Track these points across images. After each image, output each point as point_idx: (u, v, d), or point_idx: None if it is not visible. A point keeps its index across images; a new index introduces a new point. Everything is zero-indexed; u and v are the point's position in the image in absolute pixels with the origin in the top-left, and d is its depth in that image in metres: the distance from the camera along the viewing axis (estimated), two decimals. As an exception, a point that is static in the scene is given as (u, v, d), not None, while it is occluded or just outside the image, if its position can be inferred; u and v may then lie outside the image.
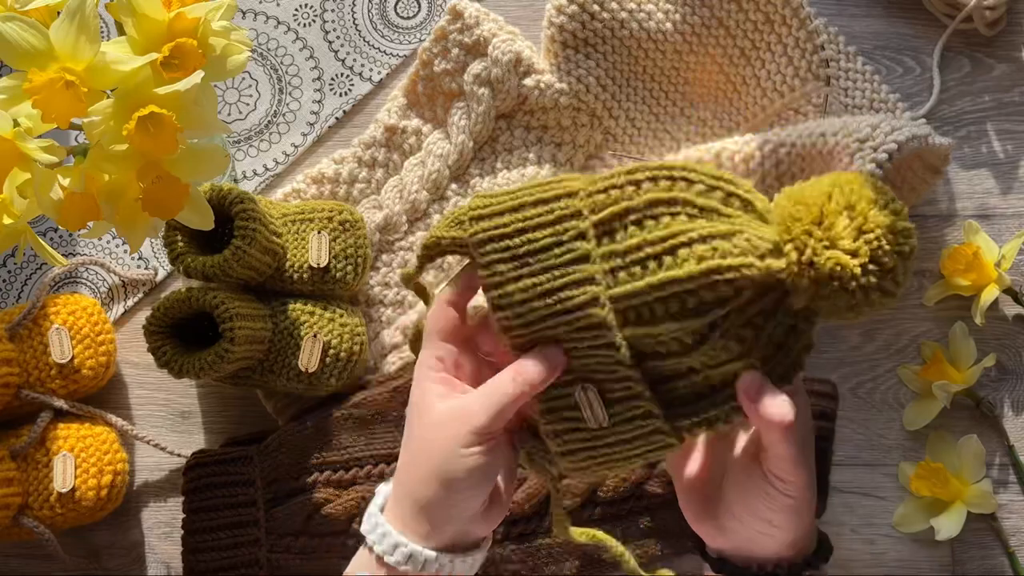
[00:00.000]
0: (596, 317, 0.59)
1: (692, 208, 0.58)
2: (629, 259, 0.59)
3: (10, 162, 0.61)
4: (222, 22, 0.62)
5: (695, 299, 0.57)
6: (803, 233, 0.56)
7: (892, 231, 0.56)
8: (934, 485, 0.81)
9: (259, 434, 0.84)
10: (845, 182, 0.57)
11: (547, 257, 0.60)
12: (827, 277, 0.56)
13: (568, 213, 0.60)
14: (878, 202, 0.56)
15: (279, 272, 0.82)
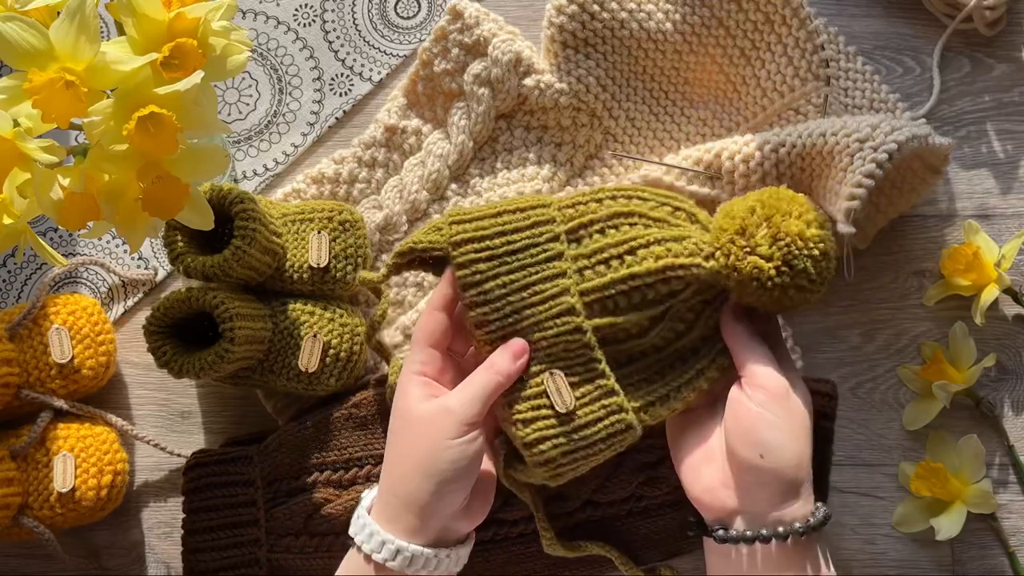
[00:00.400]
0: (566, 304, 0.69)
1: (647, 219, 0.71)
2: (595, 259, 0.71)
3: (10, 162, 0.61)
4: (222, 22, 0.62)
5: (652, 291, 0.70)
6: (728, 241, 0.68)
7: (802, 237, 0.67)
8: (934, 485, 0.81)
9: (259, 434, 0.84)
10: (767, 197, 0.69)
11: (524, 256, 0.70)
12: (749, 278, 0.68)
13: (543, 219, 0.71)
14: (792, 213, 0.68)
15: (279, 272, 0.82)
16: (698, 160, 0.82)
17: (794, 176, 0.80)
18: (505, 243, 0.71)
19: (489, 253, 0.70)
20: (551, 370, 0.69)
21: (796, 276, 0.67)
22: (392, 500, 0.67)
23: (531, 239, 0.71)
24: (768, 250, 0.67)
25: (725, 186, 0.81)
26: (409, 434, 0.68)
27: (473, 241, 0.70)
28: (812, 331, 0.86)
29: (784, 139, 0.79)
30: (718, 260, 0.68)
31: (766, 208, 0.68)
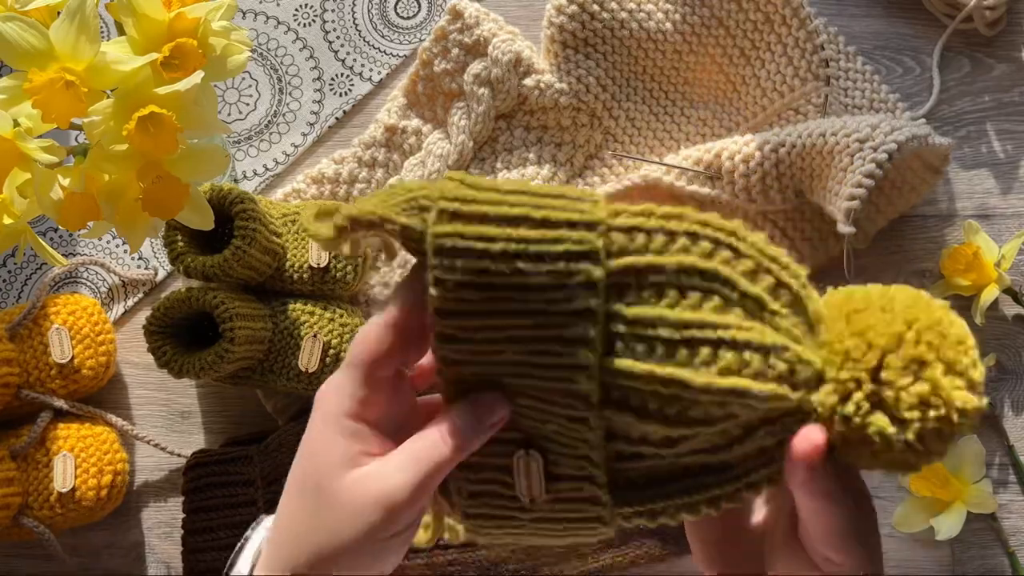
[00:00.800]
0: (581, 388, 0.46)
1: (732, 291, 0.46)
2: (636, 331, 0.45)
3: (10, 162, 0.61)
4: (222, 22, 0.62)
5: (700, 411, 0.45)
6: (852, 380, 0.45)
7: (958, 411, 0.43)
8: (934, 485, 0.81)
9: (259, 434, 0.84)
10: (926, 324, 0.44)
11: (538, 299, 0.45)
12: (858, 439, 0.45)
13: (581, 251, 0.44)
14: (958, 365, 0.44)
15: (279, 272, 0.82)
16: (698, 160, 0.82)
17: (794, 176, 0.80)
18: (515, 272, 0.44)
19: (488, 280, 0.44)
20: (528, 450, 0.48)
21: (927, 451, 0.44)
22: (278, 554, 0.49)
23: (556, 277, 0.44)
24: (908, 412, 0.43)
25: (725, 186, 0.81)
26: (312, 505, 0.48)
27: (466, 255, 0.44)
28: (812, 331, 0.86)
29: (784, 139, 0.79)
30: (823, 398, 0.45)
31: (922, 343, 0.44)
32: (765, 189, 0.80)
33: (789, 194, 0.81)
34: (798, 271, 0.48)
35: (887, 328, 0.45)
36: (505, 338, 0.45)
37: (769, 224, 0.84)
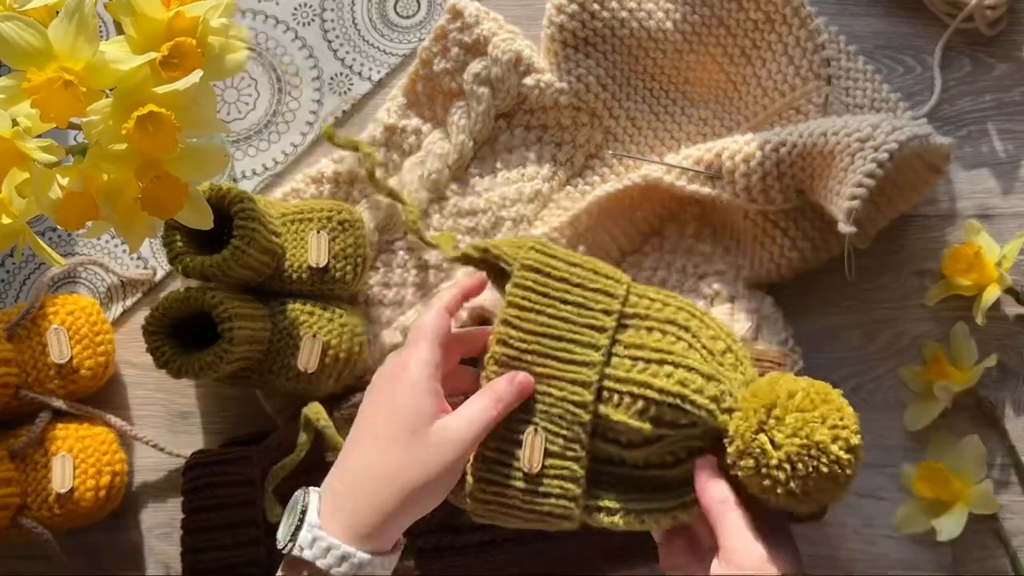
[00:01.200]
0: (586, 377, 0.68)
1: (696, 340, 0.69)
2: (627, 352, 0.69)
3: (9, 162, 0.61)
4: (221, 19, 0.62)
5: (659, 411, 0.66)
6: (752, 409, 0.64)
7: (822, 448, 0.63)
8: (936, 486, 0.81)
9: (259, 434, 0.83)
10: (818, 392, 0.65)
11: (572, 311, 0.70)
12: (748, 453, 0.64)
13: (609, 291, 0.71)
14: (829, 421, 0.64)
15: (278, 272, 0.82)
16: (698, 160, 0.82)
17: (795, 176, 0.79)
18: (564, 290, 0.71)
19: (545, 290, 0.71)
20: (538, 427, 0.68)
21: (792, 478, 0.63)
22: (362, 509, 0.64)
23: (587, 300, 0.71)
24: (783, 439, 0.63)
25: (726, 186, 0.81)
26: (406, 447, 0.65)
27: (539, 272, 0.71)
28: (813, 331, 0.86)
29: (785, 138, 0.79)
30: (732, 420, 0.65)
31: (809, 401, 0.64)
32: (766, 189, 0.80)
33: (790, 194, 0.80)
34: (744, 348, 0.70)
35: (790, 384, 0.65)
36: (544, 333, 0.70)
37: (769, 224, 0.84)
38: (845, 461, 0.63)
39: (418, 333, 0.68)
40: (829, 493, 0.64)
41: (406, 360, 0.67)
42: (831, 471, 0.63)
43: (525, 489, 0.68)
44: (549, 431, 0.68)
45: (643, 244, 0.87)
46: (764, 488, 0.64)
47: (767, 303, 0.84)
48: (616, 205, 0.85)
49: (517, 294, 0.70)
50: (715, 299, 0.85)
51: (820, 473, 0.63)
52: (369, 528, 0.63)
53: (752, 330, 0.83)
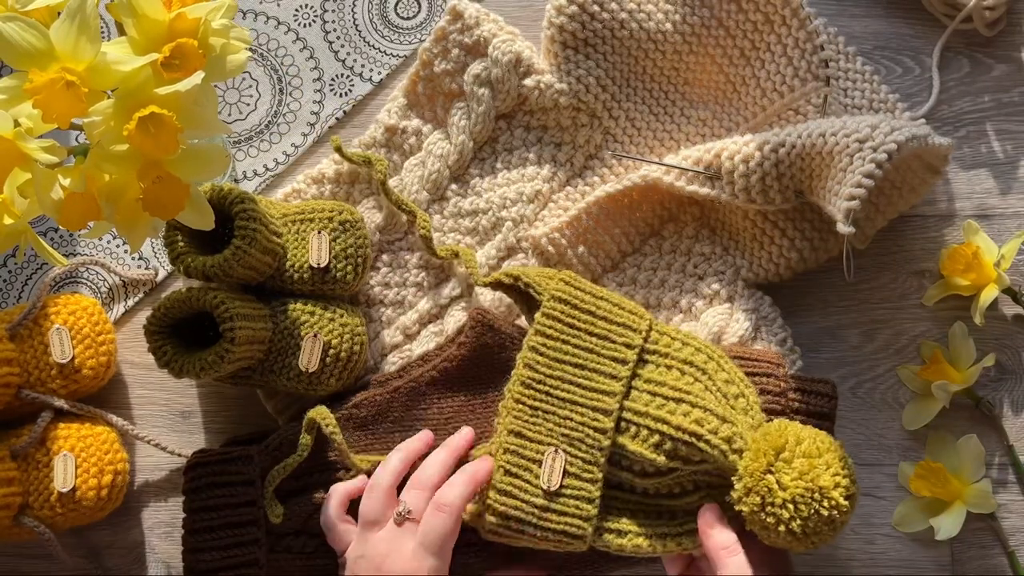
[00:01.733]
0: (607, 405, 0.74)
1: (711, 383, 0.74)
2: (647, 387, 0.74)
3: (11, 162, 0.61)
4: (222, 20, 0.62)
5: (671, 444, 0.71)
6: (761, 451, 0.69)
7: (825, 493, 0.67)
8: (934, 485, 0.81)
9: (259, 434, 0.84)
10: (823, 441, 0.70)
11: (596, 343, 0.76)
12: (755, 492, 0.68)
13: (632, 325, 0.76)
14: (833, 468, 0.68)
15: (279, 272, 0.82)
16: (698, 160, 0.82)
17: (794, 176, 0.80)
18: (589, 322, 0.76)
19: (572, 320, 0.76)
20: (559, 449, 0.74)
21: (794, 518, 0.68)
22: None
23: (611, 333, 0.76)
24: (789, 481, 0.67)
25: (725, 186, 0.81)
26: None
27: (567, 303, 0.77)
28: (812, 331, 0.86)
29: (784, 139, 0.79)
30: (743, 460, 0.70)
31: (816, 448, 0.69)
32: (765, 189, 0.80)
33: (789, 194, 0.81)
34: (754, 392, 0.74)
35: (799, 432, 0.70)
36: (567, 360, 0.75)
37: (768, 224, 0.84)
38: (844, 507, 0.68)
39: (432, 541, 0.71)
40: (824, 536, 0.69)
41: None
42: (830, 515, 0.68)
43: (542, 506, 0.73)
44: (569, 453, 0.73)
45: (643, 244, 0.88)
46: (766, 525, 0.68)
47: (766, 303, 0.84)
48: (616, 205, 0.86)
49: (545, 323, 0.76)
50: (714, 299, 0.85)
51: (820, 516, 0.67)
52: None
53: (751, 330, 0.83)
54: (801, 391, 0.78)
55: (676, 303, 0.86)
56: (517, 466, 0.74)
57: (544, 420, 0.75)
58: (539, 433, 0.74)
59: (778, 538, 0.69)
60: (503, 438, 0.75)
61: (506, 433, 0.75)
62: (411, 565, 0.70)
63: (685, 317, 0.85)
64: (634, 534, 0.73)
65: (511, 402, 0.75)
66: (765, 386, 0.77)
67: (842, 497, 0.68)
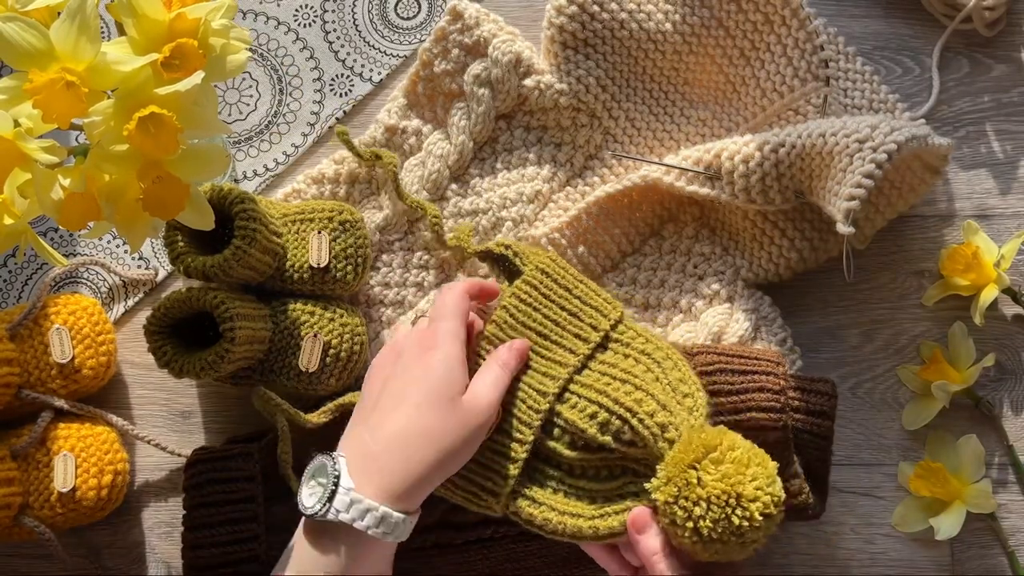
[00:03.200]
0: (554, 372, 0.75)
1: (664, 376, 0.74)
2: (599, 367, 0.75)
3: (11, 162, 0.61)
4: (222, 20, 0.62)
5: (606, 417, 0.72)
6: (692, 447, 0.68)
7: (743, 501, 0.66)
8: (933, 485, 0.81)
9: (259, 434, 0.84)
10: (758, 456, 0.68)
11: (565, 318, 0.78)
12: (673, 480, 0.67)
13: (603, 311, 0.78)
14: (757, 482, 0.66)
15: (279, 272, 0.82)
16: (698, 160, 0.82)
17: (793, 176, 0.80)
18: (564, 297, 0.78)
19: (548, 292, 0.78)
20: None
21: (704, 517, 0.66)
22: (387, 465, 0.67)
23: (581, 313, 0.78)
24: (710, 480, 0.66)
25: (725, 186, 0.81)
26: (444, 415, 0.69)
27: (548, 276, 0.79)
28: (811, 331, 0.86)
29: (784, 139, 0.79)
30: (672, 450, 0.69)
31: (748, 459, 0.67)
32: (765, 189, 0.80)
33: (789, 194, 0.81)
34: (704, 399, 0.73)
35: (734, 439, 0.68)
36: (533, 328, 0.77)
37: (768, 224, 0.84)
38: (757, 523, 0.66)
39: (445, 310, 0.74)
40: (730, 548, 0.67)
41: (436, 333, 0.72)
42: (740, 525, 0.66)
43: (472, 458, 0.73)
44: (505, 410, 0.74)
45: (643, 244, 0.88)
46: (675, 519, 0.67)
47: (765, 303, 0.84)
48: (616, 206, 0.86)
49: (523, 288, 0.78)
50: (714, 299, 0.85)
51: (730, 524, 0.66)
52: (403, 490, 0.67)
53: (751, 330, 0.83)
54: (801, 390, 0.78)
55: (676, 303, 0.86)
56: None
57: None
58: None
59: (683, 535, 0.67)
60: None
61: None
62: (424, 331, 0.73)
63: (685, 317, 0.85)
64: (548, 507, 0.72)
65: (471, 354, 0.76)
66: (765, 384, 0.76)
67: (758, 513, 0.66)
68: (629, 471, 0.73)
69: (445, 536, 0.79)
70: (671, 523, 0.68)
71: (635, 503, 0.71)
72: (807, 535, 0.84)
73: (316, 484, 0.68)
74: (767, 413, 0.76)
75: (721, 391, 0.76)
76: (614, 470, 0.73)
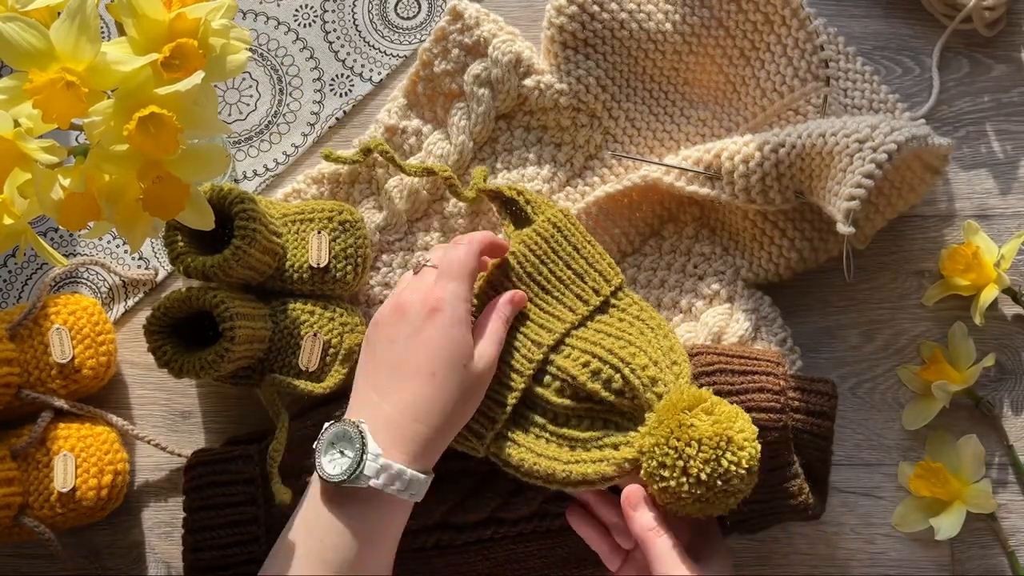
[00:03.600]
0: (552, 326, 0.77)
1: (656, 340, 0.77)
2: (595, 326, 0.78)
3: (11, 162, 0.61)
4: (222, 20, 0.62)
5: (598, 365, 0.74)
6: (683, 398, 0.70)
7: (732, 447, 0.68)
8: (933, 485, 0.81)
9: (259, 434, 0.84)
10: (744, 417, 0.70)
11: (570, 276, 0.79)
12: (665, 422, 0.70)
13: (606, 275, 0.80)
14: (744, 434, 0.69)
15: (279, 272, 0.82)
16: (698, 160, 0.82)
17: (794, 176, 0.80)
18: (571, 255, 0.80)
19: (556, 247, 0.80)
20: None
21: (695, 459, 0.68)
22: (412, 431, 0.69)
23: (586, 275, 0.80)
24: (701, 423, 0.69)
25: (725, 186, 0.81)
26: (460, 380, 0.71)
27: (559, 230, 0.80)
28: (812, 331, 0.86)
29: (784, 139, 0.79)
30: (663, 400, 0.71)
31: (736, 414, 0.70)
32: (765, 189, 0.80)
33: (789, 194, 0.81)
34: (688, 373, 0.75)
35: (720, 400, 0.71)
36: (539, 281, 0.79)
37: (768, 224, 0.84)
38: (743, 470, 0.68)
39: (453, 269, 0.74)
40: (714, 496, 0.69)
41: (444, 295, 0.73)
42: (728, 470, 0.68)
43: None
44: (501, 358, 0.75)
45: (643, 244, 0.88)
46: (664, 460, 0.69)
47: (765, 303, 0.84)
48: (615, 206, 0.86)
49: (532, 238, 0.79)
50: (714, 299, 0.85)
51: (719, 466, 0.68)
52: (424, 452, 0.70)
53: (751, 330, 0.83)
54: (801, 390, 0.78)
55: (676, 303, 0.86)
56: None
57: None
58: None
59: (671, 477, 0.68)
60: None
61: None
62: (431, 290, 0.73)
63: (685, 317, 0.85)
64: (527, 450, 0.74)
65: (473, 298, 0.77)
66: (765, 384, 0.76)
67: (745, 461, 0.68)
68: (612, 424, 0.74)
69: (445, 537, 0.79)
70: (659, 466, 0.69)
71: (612, 455, 0.72)
72: (807, 535, 0.84)
73: (337, 452, 0.69)
74: (767, 413, 0.76)
75: (721, 391, 0.76)
76: (595, 422, 0.75)
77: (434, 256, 0.77)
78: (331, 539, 0.68)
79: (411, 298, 0.73)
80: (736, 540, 0.84)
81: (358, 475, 0.67)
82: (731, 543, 0.84)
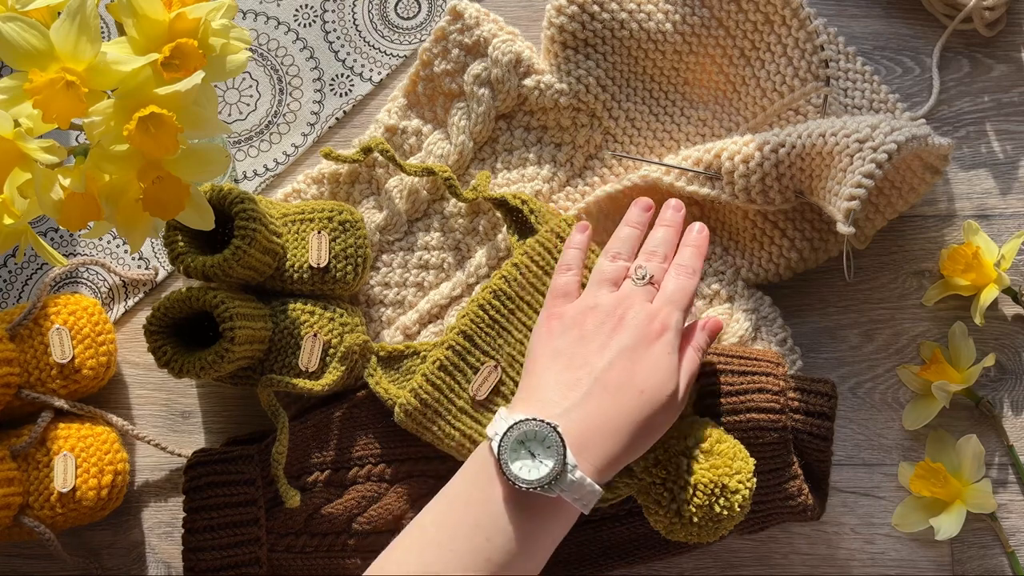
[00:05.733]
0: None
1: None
2: None
3: (11, 162, 0.61)
4: (222, 20, 0.62)
5: None
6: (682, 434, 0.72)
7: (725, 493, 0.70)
8: (933, 485, 0.81)
9: (260, 434, 0.84)
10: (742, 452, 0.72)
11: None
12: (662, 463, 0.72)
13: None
14: (740, 476, 0.71)
15: (279, 272, 0.82)
16: (698, 160, 0.82)
17: (794, 176, 0.80)
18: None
19: (558, 258, 0.80)
20: (498, 366, 0.78)
21: (691, 503, 0.70)
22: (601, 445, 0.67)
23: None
24: (699, 468, 0.71)
25: (725, 186, 0.81)
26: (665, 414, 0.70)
27: (563, 240, 0.80)
28: (812, 331, 0.86)
29: (784, 139, 0.79)
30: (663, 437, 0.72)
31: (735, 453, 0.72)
32: (765, 189, 0.80)
33: (789, 194, 0.81)
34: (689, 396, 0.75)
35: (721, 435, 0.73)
36: (539, 290, 0.79)
37: (769, 224, 0.84)
38: (735, 513, 0.71)
39: (683, 300, 0.73)
40: (705, 532, 0.71)
41: (669, 322, 0.72)
42: (720, 514, 0.70)
43: (461, 408, 0.77)
44: (506, 373, 0.77)
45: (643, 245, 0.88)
46: (658, 498, 0.71)
47: (765, 303, 0.84)
48: (616, 205, 0.86)
49: (536, 249, 0.80)
50: (714, 299, 0.85)
51: (711, 512, 0.70)
52: (610, 468, 0.68)
53: (751, 330, 0.83)
54: (801, 390, 0.78)
55: (676, 303, 0.86)
56: (454, 366, 0.77)
57: (497, 335, 0.78)
58: (487, 344, 0.78)
59: (663, 515, 0.71)
60: (452, 335, 0.78)
61: (456, 332, 0.78)
62: (659, 310, 0.72)
63: (685, 317, 0.85)
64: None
65: (474, 306, 0.78)
66: (765, 385, 0.77)
67: (737, 504, 0.70)
68: None
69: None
70: (653, 502, 0.71)
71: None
72: (807, 535, 0.84)
73: (526, 452, 0.67)
74: (767, 414, 0.76)
75: (721, 392, 0.76)
76: None
77: (649, 266, 0.75)
78: (500, 540, 0.66)
79: (635, 311, 0.72)
80: (736, 540, 0.84)
81: (553, 485, 0.66)
82: (731, 543, 0.84)
